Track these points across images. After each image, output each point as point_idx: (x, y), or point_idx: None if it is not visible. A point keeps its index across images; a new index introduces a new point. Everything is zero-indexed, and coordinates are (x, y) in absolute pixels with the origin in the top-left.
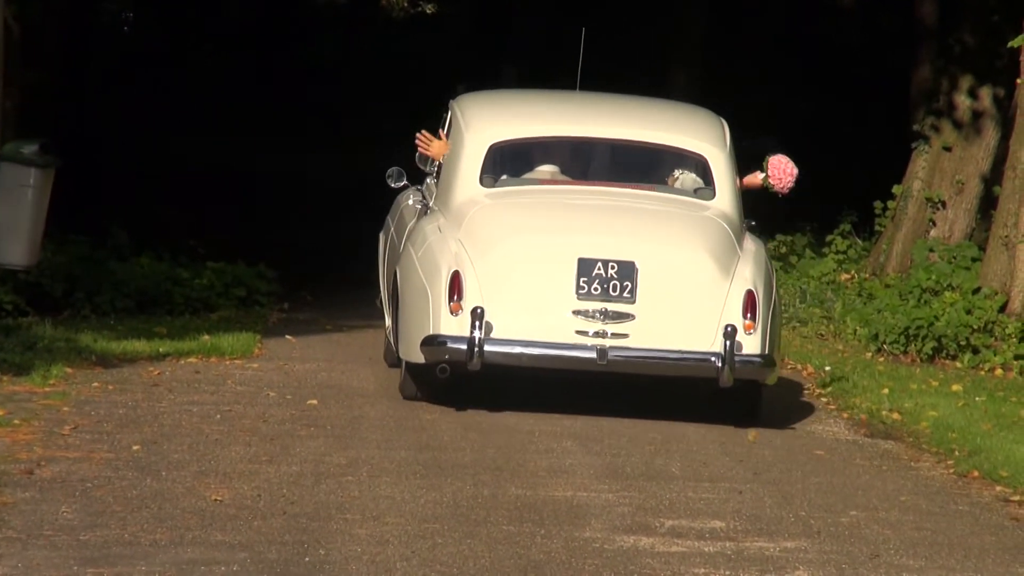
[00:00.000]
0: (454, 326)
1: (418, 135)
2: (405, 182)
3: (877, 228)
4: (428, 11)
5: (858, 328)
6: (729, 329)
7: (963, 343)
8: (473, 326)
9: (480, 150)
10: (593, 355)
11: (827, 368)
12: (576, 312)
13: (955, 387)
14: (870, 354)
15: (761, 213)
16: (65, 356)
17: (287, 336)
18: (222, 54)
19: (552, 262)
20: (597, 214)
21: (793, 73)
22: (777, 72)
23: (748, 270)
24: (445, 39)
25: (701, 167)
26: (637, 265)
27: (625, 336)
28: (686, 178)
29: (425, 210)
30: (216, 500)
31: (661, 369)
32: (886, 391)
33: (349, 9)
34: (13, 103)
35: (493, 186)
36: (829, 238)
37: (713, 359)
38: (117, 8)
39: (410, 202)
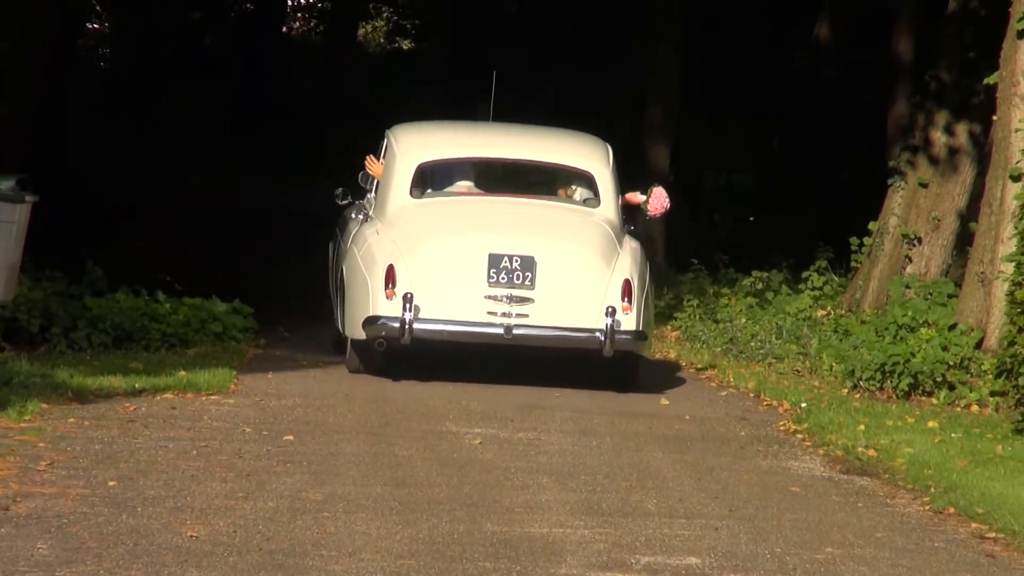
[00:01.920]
0: (389, 308)
1: (367, 158)
2: (350, 199)
3: (853, 264)
4: (404, 47)
5: (834, 364)
6: (610, 310)
7: (939, 379)
8: (404, 308)
9: (409, 169)
10: (501, 331)
11: (803, 404)
12: (487, 296)
13: (931, 423)
14: (846, 390)
15: (736, 249)
16: (41, 392)
17: (263, 372)
18: (199, 89)
19: (467, 257)
20: (504, 219)
21: (769, 108)
22: (753, 108)
23: (626, 263)
24: (421, 74)
25: (589, 182)
26: (536, 259)
27: (526, 316)
28: (577, 191)
29: (366, 219)
30: (192, 536)
31: (556, 342)
32: (862, 427)
33: (326, 44)
34: None
35: (420, 198)
36: (805, 274)
37: (597, 334)
38: (94, 43)
39: (354, 215)
